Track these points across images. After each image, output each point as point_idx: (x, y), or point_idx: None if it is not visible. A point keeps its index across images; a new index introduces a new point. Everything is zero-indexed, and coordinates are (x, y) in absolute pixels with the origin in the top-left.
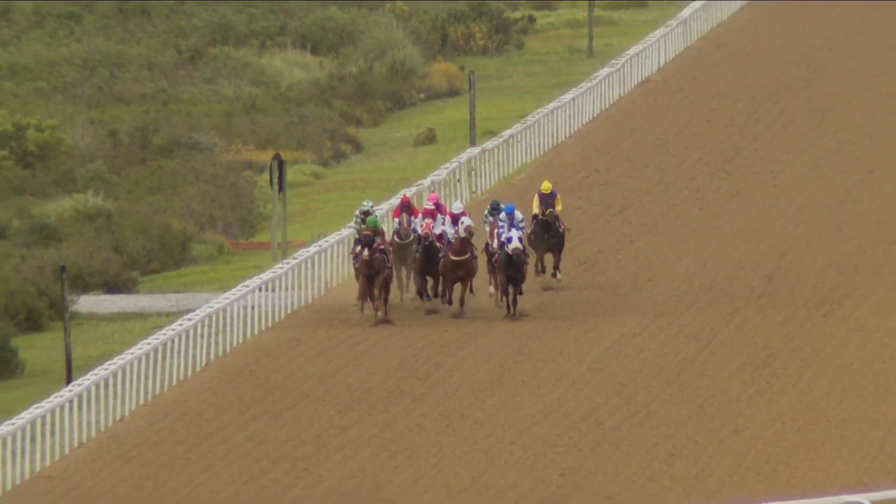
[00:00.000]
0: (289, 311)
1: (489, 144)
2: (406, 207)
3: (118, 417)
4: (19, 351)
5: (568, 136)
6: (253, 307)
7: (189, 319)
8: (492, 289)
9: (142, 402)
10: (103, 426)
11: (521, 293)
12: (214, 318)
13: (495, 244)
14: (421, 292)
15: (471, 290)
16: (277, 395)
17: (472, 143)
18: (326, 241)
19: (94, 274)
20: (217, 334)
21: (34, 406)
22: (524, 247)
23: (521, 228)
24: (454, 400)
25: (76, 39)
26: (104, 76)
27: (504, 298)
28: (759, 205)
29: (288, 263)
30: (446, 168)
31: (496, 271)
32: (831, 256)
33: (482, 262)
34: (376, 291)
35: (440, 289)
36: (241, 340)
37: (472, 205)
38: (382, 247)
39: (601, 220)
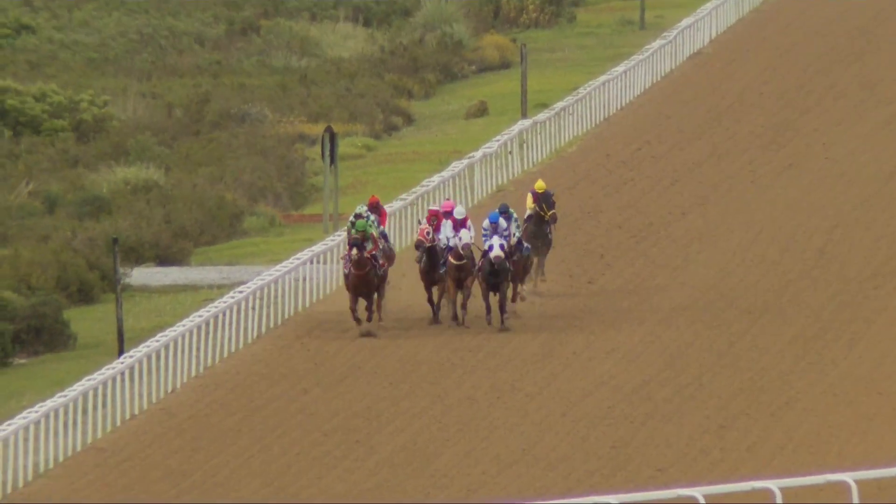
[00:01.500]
0: (340, 283)
1: (541, 117)
2: (374, 208)
3: (170, 389)
4: (71, 323)
5: (619, 108)
6: (304, 279)
7: (241, 292)
8: (522, 289)
9: (193, 374)
10: (155, 398)
11: (513, 300)
12: (266, 291)
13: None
14: (431, 300)
15: (468, 294)
16: (329, 367)
17: (524, 115)
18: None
19: (145, 246)
20: (269, 306)
21: (86, 378)
22: (524, 245)
23: (506, 237)
24: (505, 372)
25: (128, 12)
26: (157, 49)
27: (487, 309)
28: (811, 177)
29: (339, 235)
30: (498, 140)
31: (479, 280)
32: (883, 229)
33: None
34: (366, 304)
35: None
36: (292, 312)
37: (524, 177)
38: (374, 252)
39: (653, 192)
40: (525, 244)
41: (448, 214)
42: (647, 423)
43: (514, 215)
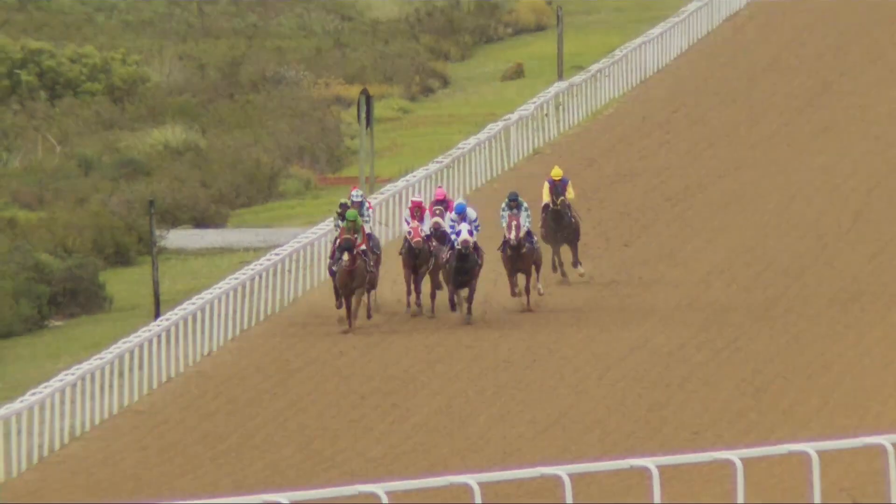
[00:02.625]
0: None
1: (577, 79)
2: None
3: (206, 352)
4: (107, 285)
5: (656, 70)
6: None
7: (277, 254)
8: (540, 286)
9: (229, 336)
10: (191, 361)
11: (470, 303)
12: (302, 253)
13: (512, 234)
14: (410, 293)
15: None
16: (365, 330)
17: (560, 77)
18: (414, 177)
19: (182, 208)
20: (305, 269)
21: (122, 340)
22: (533, 237)
23: (478, 228)
24: (541, 335)
25: None
26: (193, 11)
27: (456, 300)
28: (847, 140)
29: (375, 198)
30: (534, 103)
31: (447, 272)
32: None
33: (495, 259)
34: (353, 302)
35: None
36: (327, 276)
37: (561, 139)
38: (363, 248)
39: (689, 155)
40: (534, 236)
41: (440, 202)
42: (684, 386)
43: (525, 204)
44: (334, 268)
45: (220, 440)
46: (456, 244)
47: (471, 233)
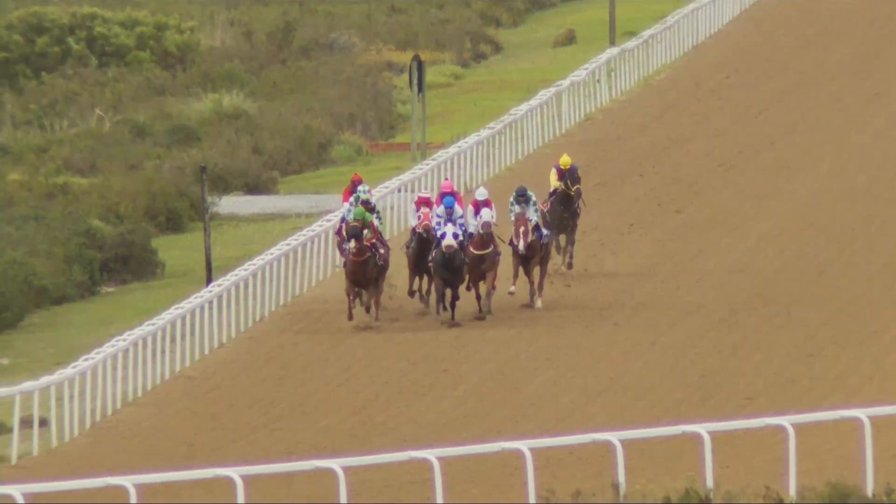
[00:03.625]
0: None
1: (629, 45)
2: (357, 185)
3: (257, 318)
4: (159, 252)
5: (708, 36)
6: (392, 208)
7: (328, 220)
8: (512, 288)
9: (281, 302)
10: (243, 327)
11: (457, 298)
12: None
13: (521, 245)
14: (412, 292)
15: (492, 286)
16: (416, 296)
17: (612, 43)
18: (465, 143)
19: (233, 175)
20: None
21: (174, 307)
22: (542, 231)
23: (463, 226)
24: (593, 301)
25: None
26: None
27: (441, 304)
28: None
29: (427, 164)
30: (586, 69)
31: (433, 274)
32: None
33: (506, 255)
34: (365, 294)
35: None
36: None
37: (612, 105)
38: (374, 241)
39: (741, 121)
40: (544, 230)
41: (447, 195)
42: (736, 352)
43: (533, 198)
44: (343, 260)
45: (271, 406)
46: (443, 246)
47: (455, 235)
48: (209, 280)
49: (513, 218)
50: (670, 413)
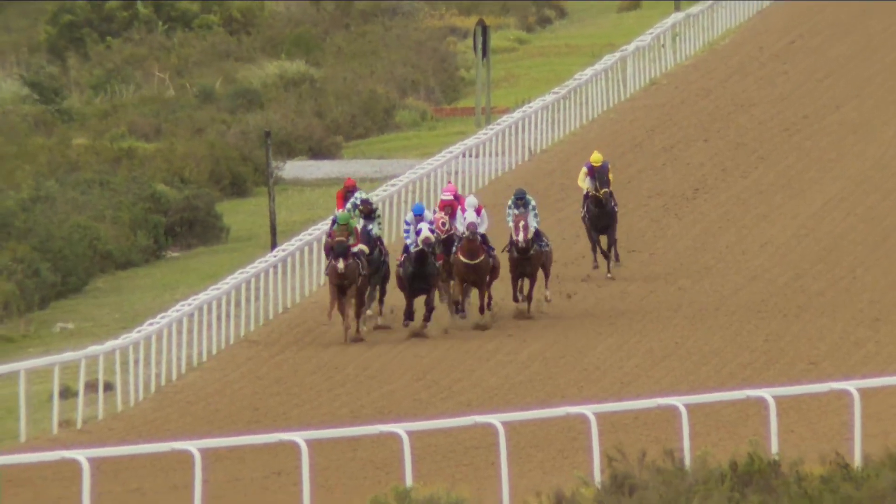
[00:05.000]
0: (492, 178)
1: (694, 9)
2: (352, 190)
3: (322, 282)
4: (224, 216)
5: (773, 0)
6: (456, 173)
7: (393, 185)
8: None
9: None
10: (307, 291)
11: (429, 316)
12: (418, 184)
13: (520, 237)
14: (408, 311)
15: (489, 298)
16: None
17: (677, 8)
18: (530, 107)
19: (298, 139)
20: (420, 200)
21: (239, 271)
22: (543, 239)
23: (434, 231)
24: (658, 266)
25: None
26: None
27: (407, 314)
28: None
29: (492, 129)
30: (651, 33)
31: (400, 285)
32: None
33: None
34: (349, 305)
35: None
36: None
37: (677, 70)
38: (357, 248)
39: (806, 85)
40: (544, 239)
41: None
42: (801, 316)
43: (532, 202)
44: (328, 271)
45: (335, 371)
46: (418, 241)
47: (432, 230)
48: (274, 244)
49: (510, 223)
50: (735, 377)
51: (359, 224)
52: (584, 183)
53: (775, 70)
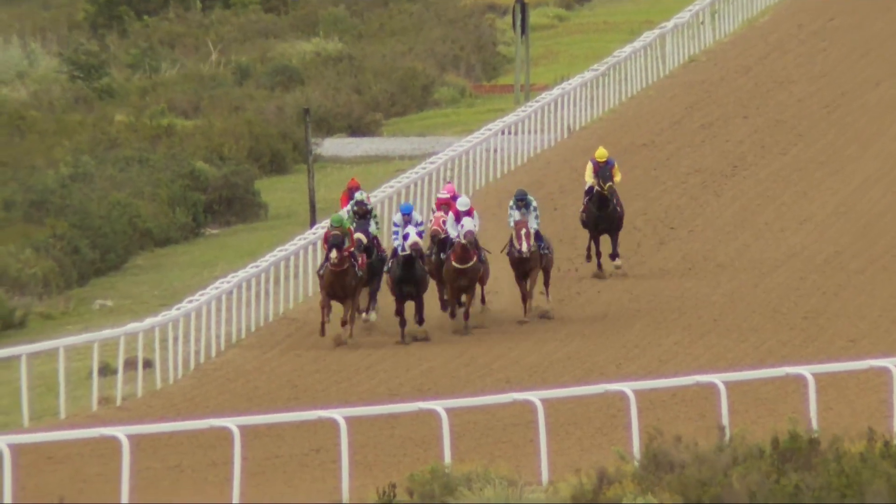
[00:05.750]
0: (531, 155)
1: None
2: (355, 191)
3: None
4: (263, 193)
5: None
6: (495, 150)
7: (432, 162)
8: (526, 318)
9: (385, 244)
10: None
11: (421, 319)
12: (457, 161)
13: (523, 248)
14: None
15: (482, 301)
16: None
17: None
18: (569, 84)
19: (336, 117)
20: (460, 177)
21: (278, 248)
22: (543, 241)
23: (422, 234)
24: (697, 243)
25: None
26: None
27: (400, 319)
28: None
29: (531, 106)
30: (690, 10)
31: (390, 289)
32: None
33: (503, 264)
34: (346, 307)
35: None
36: (483, 184)
37: (716, 47)
38: (353, 250)
39: (845, 62)
40: (543, 240)
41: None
42: (840, 293)
43: (534, 203)
44: (320, 271)
45: (374, 348)
46: (406, 246)
47: (420, 234)
48: (313, 222)
49: (512, 224)
50: (773, 355)
51: (352, 225)
52: (591, 178)
53: (814, 47)
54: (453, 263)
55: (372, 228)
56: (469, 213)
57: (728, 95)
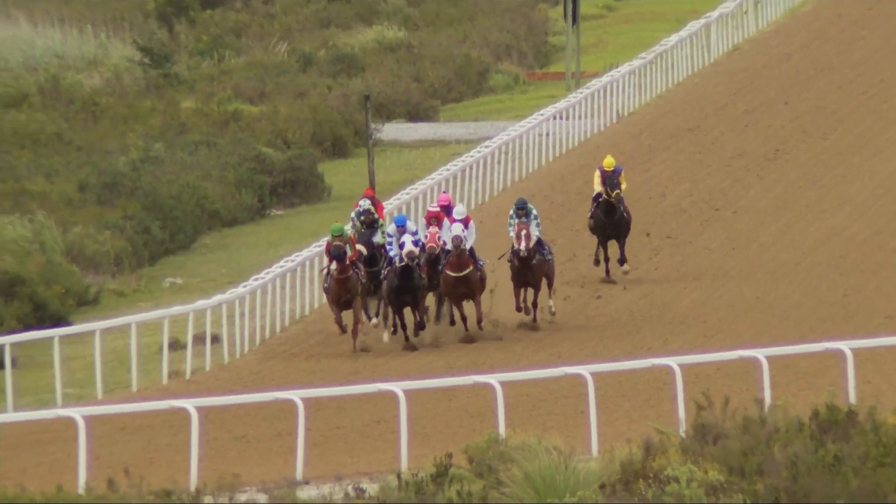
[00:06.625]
0: (581, 139)
1: None
2: (370, 201)
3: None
4: (325, 176)
5: None
6: (547, 135)
7: (486, 146)
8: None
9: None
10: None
11: (422, 327)
12: (510, 146)
13: (522, 245)
14: (395, 325)
15: (480, 313)
16: (573, 218)
17: None
18: (618, 72)
19: (395, 103)
20: (513, 161)
21: None
22: (545, 247)
23: (418, 243)
24: (741, 224)
25: None
26: None
27: (394, 326)
28: None
29: (581, 93)
30: (734, 0)
31: (386, 299)
32: None
33: (505, 272)
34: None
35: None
36: (535, 167)
37: (759, 36)
38: (355, 259)
39: (885, 49)
40: (546, 247)
41: (446, 210)
42: (878, 272)
43: (534, 212)
44: (326, 284)
45: (432, 324)
46: (402, 255)
47: (415, 243)
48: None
49: (512, 233)
50: (814, 331)
51: (354, 233)
52: (599, 186)
53: (854, 35)
54: (448, 272)
55: (378, 238)
56: (465, 223)
57: (770, 82)
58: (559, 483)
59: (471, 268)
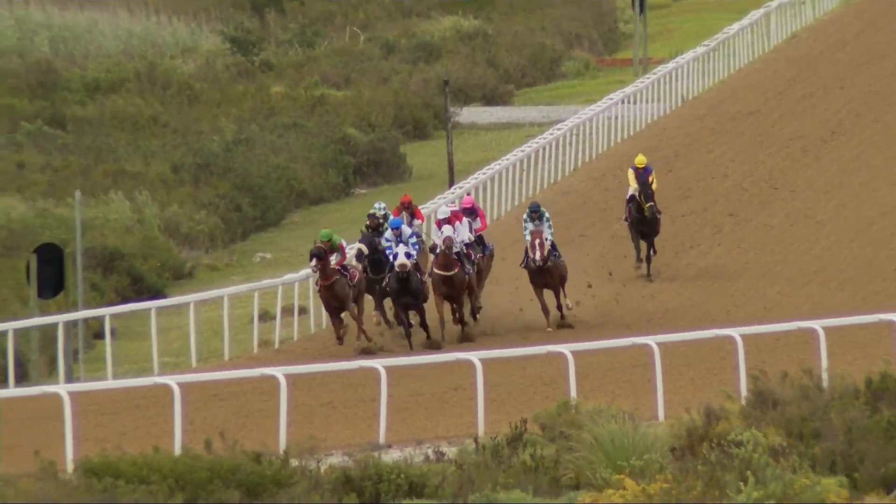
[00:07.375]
0: (648, 122)
1: None
2: (407, 207)
3: (495, 217)
4: (407, 157)
5: None
6: (616, 118)
7: (559, 129)
8: (549, 328)
9: (516, 203)
10: (494, 216)
11: (424, 326)
12: (581, 128)
13: (537, 256)
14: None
15: (473, 311)
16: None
17: None
18: (683, 58)
19: (473, 88)
20: (584, 142)
21: (421, 206)
22: (557, 251)
23: (416, 245)
24: (798, 202)
25: None
26: None
27: (401, 327)
28: None
29: (648, 78)
30: None
31: (392, 301)
32: None
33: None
34: (347, 321)
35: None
36: (605, 148)
37: (816, 24)
38: (343, 264)
39: None
40: (557, 250)
41: (469, 212)
42: None
43: (546, 215)
44: (319, 289)
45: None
46: (395, 266)
47: (408, 255)
48: (451, 182)
49: (527, 236)
50: (868, 303)
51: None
52: (633, 182)
53: None
54: (436, 271)
55: (383, 242)
56: (458, 218)
57: (827, 68)
58: (627, 447)
59: (456, 269)
